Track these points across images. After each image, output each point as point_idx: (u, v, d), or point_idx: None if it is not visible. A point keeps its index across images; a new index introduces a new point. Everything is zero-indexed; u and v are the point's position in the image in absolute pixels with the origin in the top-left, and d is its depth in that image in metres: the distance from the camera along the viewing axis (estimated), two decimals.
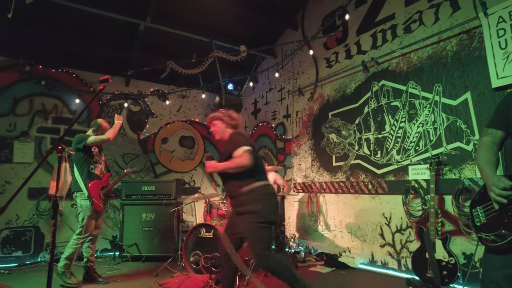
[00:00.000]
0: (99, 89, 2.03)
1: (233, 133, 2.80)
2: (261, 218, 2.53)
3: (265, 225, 2.54)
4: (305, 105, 5.50)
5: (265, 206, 2.58)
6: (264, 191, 2.63)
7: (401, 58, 4.08)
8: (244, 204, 2.61)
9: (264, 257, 2.49)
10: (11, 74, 5.12)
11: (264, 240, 2.52)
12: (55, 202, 1.89)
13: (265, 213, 2.55)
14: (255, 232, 2.53)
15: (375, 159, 4.32)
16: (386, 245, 4.08)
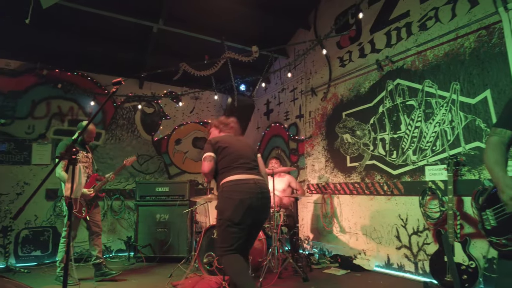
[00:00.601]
0: (113, 91, 2.04)
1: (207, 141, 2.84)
2: (219, 216, 2.54)
3: (223, 223, 2.49)
4: (318, 105, 5.44)
5: (225, 204, 2.52)
6: (228, 188, 2.55)
7: (417, 56, 3.99)
8: None
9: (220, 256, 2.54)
10: (29, 78, 5.25)
11: (222, 238, 2.51)
12: (70, 203, 1.91)
13: (224, 211, 2.50)
14: (217, 228, 2.58)
15: (391, 159, 4.24)
16: (403, 247, 3.99)
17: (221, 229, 2.51)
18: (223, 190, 2.56)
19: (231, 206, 2.48)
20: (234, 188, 2.53)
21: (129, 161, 4.35)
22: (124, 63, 5.85)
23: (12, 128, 5.04)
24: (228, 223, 2.47)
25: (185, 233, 4.98)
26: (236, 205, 2.47)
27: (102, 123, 5.81)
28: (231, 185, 2.55)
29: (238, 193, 2.51)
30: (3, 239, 4.84)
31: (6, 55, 5.12)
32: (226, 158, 2.68)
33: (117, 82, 2.02)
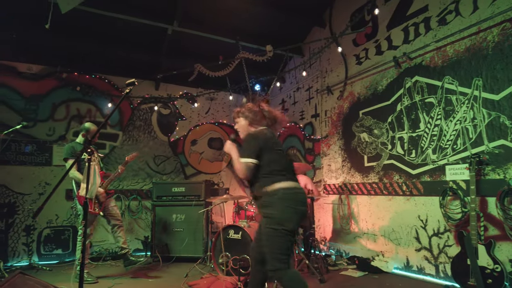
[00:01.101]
0: (126, 92, 2.06)
1: (246, 136, 2.52)
2: (276, 225, 2.27)
3: (280, 233, 2.26)
4: (334, 104, 5.35)
5: (283, 212, 2.29)
6: (285, 195, 2.33)
7: (436, 52, 3.86)
8: (264, 206, 2.38)
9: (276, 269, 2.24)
10: (50, 82, 5.40)
11: (278, 249, 2.26)
12: (85, 203, 1.93)
13: (282, 220, 2.28)
14: (271, 238, 2.29)
15: (410, 159, 4.12)
16: (422, 249, 3.87)
17: (282, 239, 2.27)
18: (282, 198, 2.31)
19: (291, 214, 2.30)
20: (294, 196, 2.36)
21: (131, 157, 4.44)
22: (140, 65, 5.95)
23: (34, 130, 5.20)
24: (284, 234, 2.27)
25: (201, 233, 5.00)
26: (300, 213, 2.35)
27: (119, 124, 5.92)
28: (290, 193, 2.35)
29: (296, 201, 2.35)
30: (26, 237, 5.00)
31: (28, 60, 5.28)
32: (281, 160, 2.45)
33: (130, 83, 2.04)
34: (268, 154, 2.41)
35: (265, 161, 2.40)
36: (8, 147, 4.99)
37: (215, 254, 3.99)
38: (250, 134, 2.49)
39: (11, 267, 4.70)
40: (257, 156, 2.38)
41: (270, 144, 2.44)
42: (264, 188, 2.36)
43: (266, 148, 2.40)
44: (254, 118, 2.60)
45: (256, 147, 2.39)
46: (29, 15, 4.50)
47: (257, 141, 2.41)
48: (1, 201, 4.92)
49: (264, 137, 2.44)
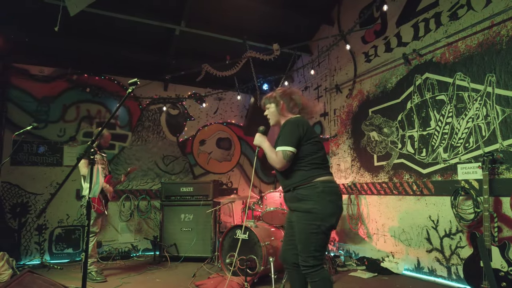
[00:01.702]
0: (128, 92, 2.06)
1: (288, 121, 2.30)
2: (317, 220, 2.13)
3: (320, 229, 2.12)
4: (343, 103, 5.28)
5: (326, 206, 2.15)
6: (327, 189, 2.18)
7: (447, 48, 3.76)
8: (299, 199, 2.21)
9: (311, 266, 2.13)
10: (61, 84, 5.48)
11: (316, 246, 2.14)
12: (88, 203, 1.94)
13: (325, 215, 2.14)
14: (309, 234, 2.14)
15: (420, 157, 4.02)
16: (434, 250, 3.77)
17: (321, 236, 2.14)
18: (324, 191, 2.17)
19: (332, 209, 2.18)
20: (334, 189, 2.23)
21: (132, 169, 4.75)
22: (149, 66, 5.98)
23: (45, 132, 5.29)
24: (325, 230, 2.15)
25: (210, 233, 5.00)
26: (339, 208, 2.24)
27: (128, 125, 5.97)
28: (332, 187, 2.23)
29: (337, 196, 2.23)
30: (38, 236, 5.09)
31: (40, 62, 5.37)
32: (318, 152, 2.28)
33: (132, 82, 2.04)
34: (308, 144, 2.24)
35: (304, 152, 2.23)
36: (20, 148, 5.09)
37: (222, 254, 3.98)
38: (290, 121, 2.29)
39: (23, 265, 4.79)
40: (297, 145, 2.21)
41: (310, 133, 2.27)
42: (302, 181, 2.20)
43: (306, 138, 2.24)
44: (288, 104, 2.40)
45: (297, 135, 2.21)
46: (40, 18, 4.57)
47: (298, 129, 2.23)
48: (14, 201, 5.02)
49: (305, 125, 2.26)
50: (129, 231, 5.62)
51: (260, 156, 6.70)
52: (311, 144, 2.25)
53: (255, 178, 6.99)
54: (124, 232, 5.58)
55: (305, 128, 2.25)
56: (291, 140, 2.20)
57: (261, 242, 3.65)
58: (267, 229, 4.04)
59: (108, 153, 5.61)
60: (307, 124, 2.30)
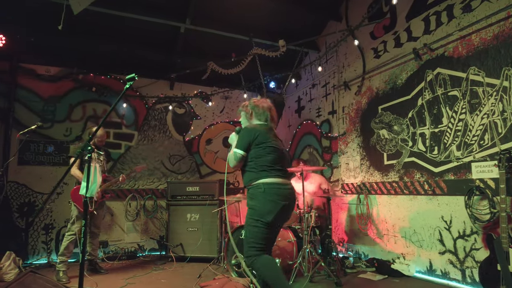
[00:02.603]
0: (126, 87, 1.99)
1: (244, 128, 2.69)
2: (255, 216, 2.45)
3: (257, 224, 2.44)
4: (352, 100, 5.15)
5: (263, 204, 2.45)
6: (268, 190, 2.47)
7: (459, 41, 3.61)
8: (250, 197, 2.56)
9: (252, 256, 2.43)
10: (67, 83, 5.49)
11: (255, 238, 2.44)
12: (85, 202, 1.88)
13: (261, 211, 2.44)
14: (248, 227, 2.49)
15: (432, 156, 3.88)
16: (447, 252, 3.63)
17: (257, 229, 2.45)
18: (265, 191, 2.47)
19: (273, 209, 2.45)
20: (278, 192, 2.50)
21: (140, 168, 4.61)
22: (154, 64, 5.94)
23: (52, 131, 5.29)
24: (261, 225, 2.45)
25: (216, 233, 4.93)
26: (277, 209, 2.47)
27: (134, 124, 5.94)
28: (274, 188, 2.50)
29: (281, 197, 2.50)
30: (45, 236, 5.09)
31: (46, 62, 5.38)
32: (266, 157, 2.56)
33: (130, 78, 1.97)
34: (257, 148, 2.55)
35: (252, 155, 2.55)
36: (27, 148, 5.10)
37: (227, 254, 3.91)
38: (246, 128, 2.67)
39: (30, 264, 4.80)
40: (246, 149, 2.55)
41: (262, 139, 2.56)
42: (250, 181, 2.54)
43: (256, 142, 2.55)
44: (253, 113, 2.77)
45: (247, 140, 2.55)
46: (45, 18, 4.56)
47: (250, 135, 2.56)
48: (21, 200, 5.03)
49: (257, 132, 2.57)
50: (135, 230, 5.60)
51: None
52: (261, 149, 2.55)
53: None
54: (130, 231, 5.55)
55: (257, 134, 2.56)
56: (242, 144, 2.55)
57: None
58: None
59: (114, 153, 5.61)
60: (259, 131, 2.60)
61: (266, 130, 2.65)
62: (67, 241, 3.99)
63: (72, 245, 4.05)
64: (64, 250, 3.97)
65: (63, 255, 3.97)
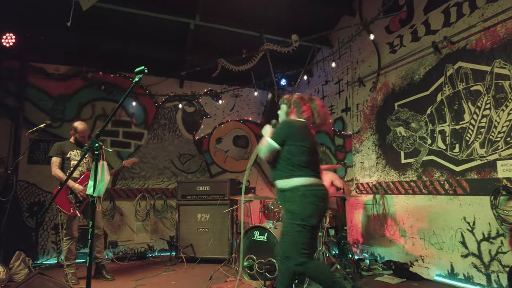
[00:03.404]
0: (135, 81, 1.89)
1: (283, 121, 2.59)
2: (298, 220, 2.31)
3: (302, 228, 2.31)
4: (367, 97, 4.99)
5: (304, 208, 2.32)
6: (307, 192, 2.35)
7: (483, 33, 3.43)
8: (286, 200, 2.42)
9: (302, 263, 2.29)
10: (76, 82, 5.45)
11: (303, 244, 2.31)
12: (92, 202, 1.78)
13: (303, 215, 2.31)
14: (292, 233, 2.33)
15: (453, 154, 3.70)
16: (470, 255, 3.45)
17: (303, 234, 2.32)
18: (304, 194, 2.35)
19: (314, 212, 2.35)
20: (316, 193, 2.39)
21: (129, 162, 4.27)
22: (164, 62, 5.86)
23: (61, 130, 5.25)
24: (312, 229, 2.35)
25: (227, 234, 4.82)
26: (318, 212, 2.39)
27: (144, 123, 5.88)
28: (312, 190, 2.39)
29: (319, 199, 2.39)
30: (55, 235, 5.05)
31: (56, 61, 5.35)
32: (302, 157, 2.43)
33: (139, 71, 1.87)
34: (292, 146, 2.41)
35: (288, 152, 2.41)
36: (37, 147, 5.07)
37: (239, 256, 3.79)
38: (284, 120, 2.57)
39: (40, 264, 4.76)
40: (281, 143, 2.41)
41: (298, 137, 2.43)
42: (282, 179, 2.42)
43: (292, 140, 2.41)
44: (297, 109, 2.58)
45: (283, 134, 2.42)
46: (54, 16, 4.51)
47: (287, 129, 2.45)
48: (31, 199, 5.00)
49: (294, 129, 2.45)
50: (145, 231, 5.53)
51: None
52: (297, 147, 2.41)
53: None
54: (140, 232, 5.48)
55: (293, 131, 2.44)
56: (279, 137, 2.42)
57: None
58: None
59: (124, 152, 5.56)
60: (298, 128, 2.47)
61: (304, 128, 2.50)
62: (66, 245, 3.81)
63: (74, 248, 3.88)
64: (67, 254, 3.81)
65: (68, 259, 3.83)
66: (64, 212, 3.75)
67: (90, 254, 1.68)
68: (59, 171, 3.80)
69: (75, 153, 3.93)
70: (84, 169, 3.98)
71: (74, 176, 3.84)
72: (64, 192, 3.76)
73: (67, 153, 3.88)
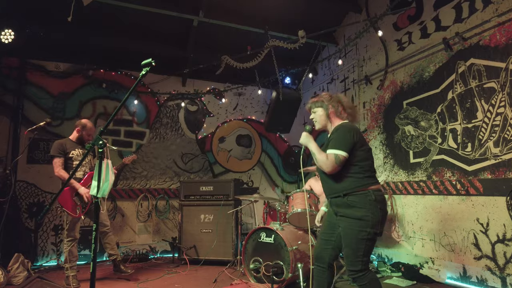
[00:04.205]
0: (142, 74, 1.78)
1: (342, 126, 2.32)
2: (368, 228, 2.15)
3: (370, 235, 2.16)
4: (374, 95, 4.88)
5: (376, 214, 2.17)
6: (378, 197, 2.21)
7: (497, 28, 3.33)
8: (350, 206, 2.21)
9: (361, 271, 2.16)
10: (77, 80, 5.33)
11: (365, 252, 2.16)
12: (96, 204, 1.67)
13: (375, 222, 2.16)
14: (357, 240, 2.16)
15: (464, 153, 3.60)
16: (483, 257, 3.35)
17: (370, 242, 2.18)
18: (376, 200, 2.19)
19: (383, 219, 2.24)
20: (384, 199, 2.27)
21: (129, 159, 4.21)
22: (166, 60, 5.73)
23: (61, 129, 5.14)
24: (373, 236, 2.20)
25: (231, 235, 4.71)
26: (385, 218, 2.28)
27: (146, 122, 5.76)
28: (381, 195, 2.25)
29: (386, 204, 2.29)
30: (55, 237, 4.94)
31: (55, 58, 5.23)
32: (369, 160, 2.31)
33: (146, 63, 1.76)
34: (361, 151, 2.26)
35: (357, 158, 2.25)
36: (37, 146, 4.96)
37: (245, 258, 3.68)
38: (344, 125, 2.32)
39: (40, 266, 4.65)
40: (350, 151, 2.22)
41: (363, 141, 2.31)
42: (355, 188, 2.21)
43: (359, 144, 2.26)
44: (337, 109, 2.40)
45: (351, 141, 2.22)
46: (54, 13, 4.40)
47: (352, 134, 2.25)
48: (30, 200, 4.89)
49: (358, 132, 2.30)
50: (147, 232, 5.42)
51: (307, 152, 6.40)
52: (364, 152, 2.27)
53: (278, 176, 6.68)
54: (141, 233, 5.37)
55: (358, 135, 2.28)
56: (345, 144, 2.21)
57: (288, 247, 3.32)
58: (295, 232, 3.70)
59: (126, 151, 5.44)
60: (359, 131, 2.34)
61: (359, 129, 2.39)
62: (68, 247, 3.68)
63: (75, 249, 3.76)
64: (68, 256, 3.68)
65: (69, 261, 3.69)
66: (69, 214, 3.62)
67: (93, 259, 1.57)
68: (63, 172, 3.66)
69: (77, 152, 3.80)
70: (87, 169, 3.86)
71: (77, 177, 3.73)
72: (69, 194, 3.63)
73: (69, 152, 3.75)
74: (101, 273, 4.26)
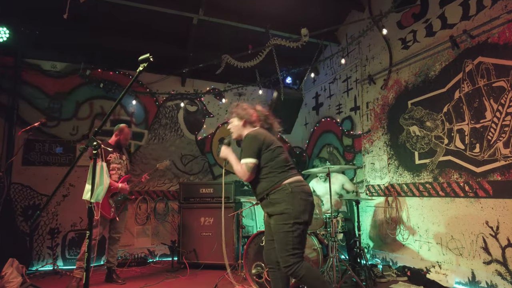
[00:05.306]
0: (139, 70, 1.68)
1: (247, 136, 2.45)
2: (291, 219, 2.26)
3: (294, 227, 2.25)
4: (378, 95, 4.78)
5: (295, 205, 2.27)
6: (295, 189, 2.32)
7: (507, 25, 3.23)
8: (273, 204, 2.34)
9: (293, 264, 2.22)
10: (74, 79, 5.21)
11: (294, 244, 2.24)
12: (89, 209, 1.55)
13: (296, 213, 2.27)
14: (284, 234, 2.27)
15: (472, 154, 3.50)
16: (493, 262, 3.24)
17: (297, 233, 2.26)
18: (292, 191, 2.30)
19: (306, 208, 2.32)
20: (303, 189, 2.37)
21: (162, 165, 4.26)
22: (165, 59, 5.63)
23: (57, 130, 5.03)
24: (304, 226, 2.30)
25: (231, 239, 4.59)
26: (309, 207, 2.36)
27: (144, 122, 5.65)
28: (299, 186, 2.35)
29: (308, 194, 2.38)
30: (51, 241, 4.82)
31: (52, 57, 5.11)
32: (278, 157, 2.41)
33: (144, 59, 1.66)
34: (268, 152, 2.39)
35: (267, 159, 2.38)
36: (32, 147, 4.84)
37: (247, 263, 3.57)
38: (248, 135, 2.45)
39: (36, 271, 4.52)
40: (258, 156, 2.37)
41: (269, 141, 2.42)
42: (272, 186, 2.33)
43: (265, 146, 2.39)
44: (249, 118, 2.57)
45: (256, 146, 2.37)
46: (50, 11, 4.29)
47: (257, 140, 2.39)
48: (26, 203, 4.76)
49: (262, 135, 2.42)
50: (145, 235, 5.29)
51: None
52: (270, 152, 2.39)
53: None
54: (140, 236, 5.25)
55: (263, 137, 2.40)
56: (251, 152, 2.35)
57: None
58: None
59: None
60: (264, 133, 2.45)
61: (267, 132, 2.53)
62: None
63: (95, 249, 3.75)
64: (82, 255, 3.59)
65: (81, 260, 3.60)
66: (105, 215, 3.65)
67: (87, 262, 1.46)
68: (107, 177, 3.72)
69: (115, 155, 3.88)
70: (122, 172, 3.96)
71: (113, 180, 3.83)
72: (105, 195, 3.61)
73: (107, 155, 3.83)
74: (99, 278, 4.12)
